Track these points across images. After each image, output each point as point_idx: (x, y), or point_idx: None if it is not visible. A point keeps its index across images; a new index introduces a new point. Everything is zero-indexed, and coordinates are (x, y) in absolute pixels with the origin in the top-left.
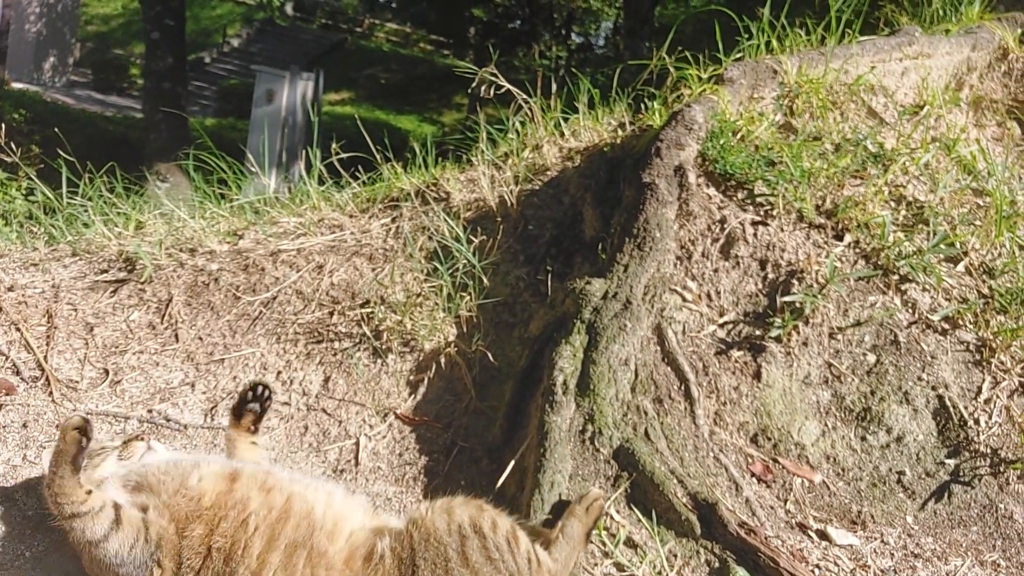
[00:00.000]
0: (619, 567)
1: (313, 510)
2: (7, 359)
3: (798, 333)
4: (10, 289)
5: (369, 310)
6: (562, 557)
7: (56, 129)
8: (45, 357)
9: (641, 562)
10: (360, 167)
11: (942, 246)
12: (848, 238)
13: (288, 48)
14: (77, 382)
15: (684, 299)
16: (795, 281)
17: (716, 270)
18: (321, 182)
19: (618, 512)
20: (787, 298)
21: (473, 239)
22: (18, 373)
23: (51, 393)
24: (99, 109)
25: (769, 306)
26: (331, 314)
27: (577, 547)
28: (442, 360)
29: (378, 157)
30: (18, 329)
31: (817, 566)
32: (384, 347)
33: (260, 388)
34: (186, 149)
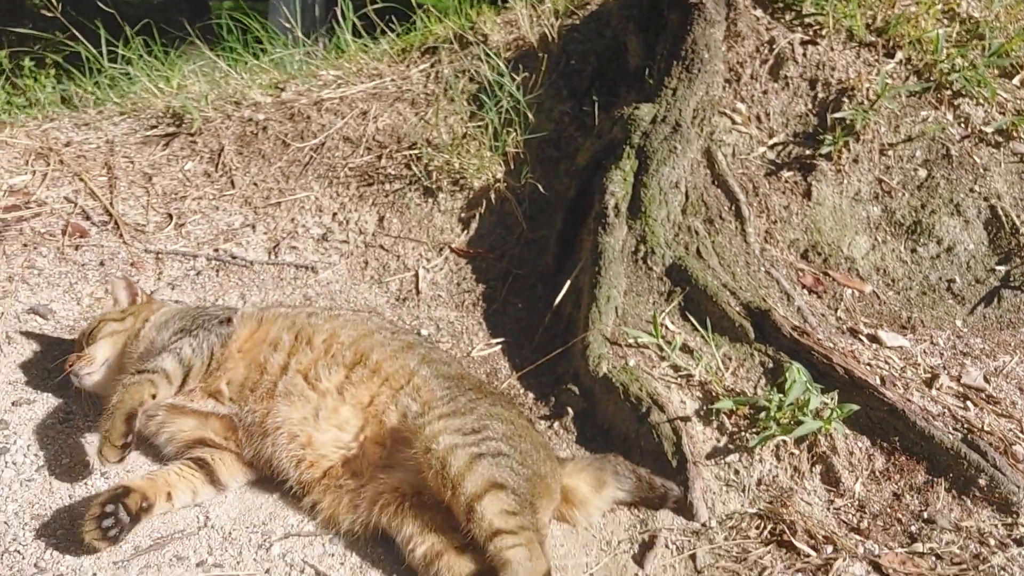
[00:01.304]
0: (676, 368)
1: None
2: (76, 206)
3: (848, 150)
4: (67, 145)
5: (416, 152)
6: None
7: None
8: (111, 203)
9: (697, 364)
10: (394, 18)
11: (997, 58)
12: (900, 55)
13: None
14: (144, 225)
15: (733, 121)
16: (845, 99)
17: (765, 91)
18: (356, 35)
19: (672, 323)
20: (838, 115)
21: (515, 77)
22: (88, 219)
23: (121, 235)
24: None
25: (819, 125)
26: (379, 158)
27: None
28: (492, 196)
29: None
30: (81, 180)
31: (868, 364)
32: (434, 186)
33: None
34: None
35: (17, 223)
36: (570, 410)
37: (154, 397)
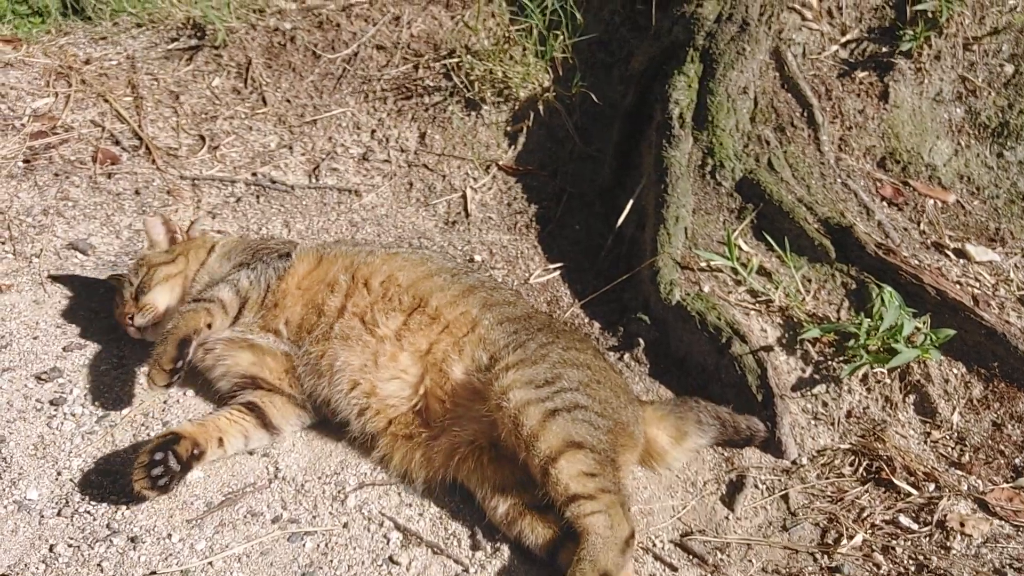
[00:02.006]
0: (753, 293)
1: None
2: (104, 130)
3: (930, 46)
4: (87, 62)
5: (456, 60)
6: None
7: None
8: (140, 126)
9: (776, 288)
10: None
11: None
12: None
13: None
14: (176, 149)
15: (803, 18)
16: None
17: None
18: None
19: (746, 243)
20: (919, 6)
21: None
22: (118, 143)
23: (154, 161)
24: None
25: (897, 19)
26: (416, 67)
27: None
28: (540, 106)
29: None
30: (106, 100)
31: (958, 282)
32: (477, 98)
33: None
34: None
35: (46, 151)
36: (641, 341)
37: (209, 327)
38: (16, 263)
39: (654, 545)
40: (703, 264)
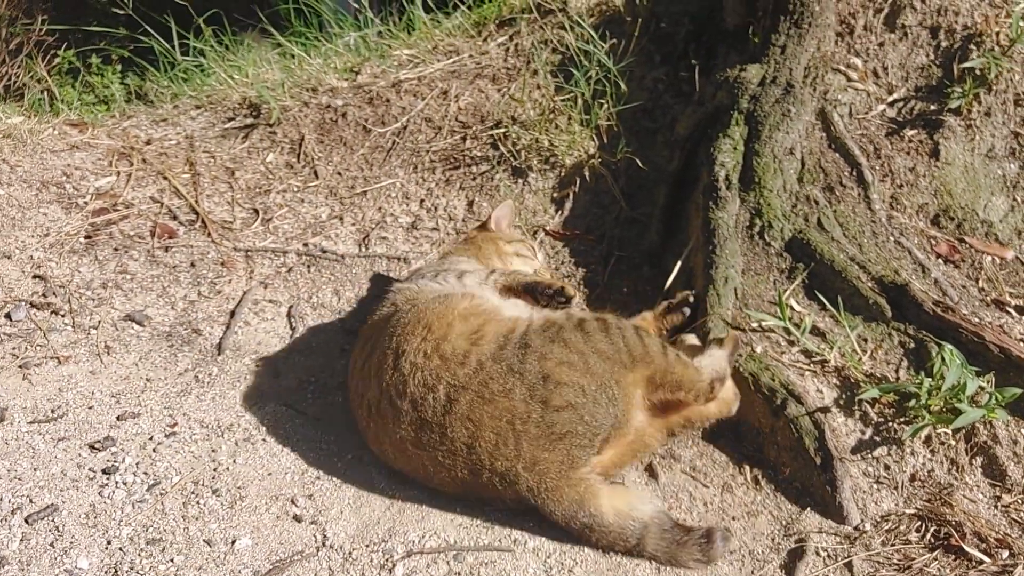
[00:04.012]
0: (807, 354)
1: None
2: (162, 206)
3: (979, 103)
4: (148, 143)
5: (502, 131)
6: (707, 362)
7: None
8: (196, 201)
9: (831, 348)
10: None
11: None
12: None
13: None
14: (231, 222)
15: (848, 78)
16: (973, 47)
17: (882, 43)
18: (427, 10)
19: (798, 303)
20: (967, 64)
21: (602, 44)
22: (175, 218)
23: (209, 234)
24: None
25: (944, 77)
26: (463, 139)
27: (721, 361)
28: (585, 173)
29: None
30: (165, 178)
31: (1022, 340)
32: (524, 166)
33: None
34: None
35: (107, 227)
36: None
37: None
38: (75, 335)
39: None
40: (754, 325)
